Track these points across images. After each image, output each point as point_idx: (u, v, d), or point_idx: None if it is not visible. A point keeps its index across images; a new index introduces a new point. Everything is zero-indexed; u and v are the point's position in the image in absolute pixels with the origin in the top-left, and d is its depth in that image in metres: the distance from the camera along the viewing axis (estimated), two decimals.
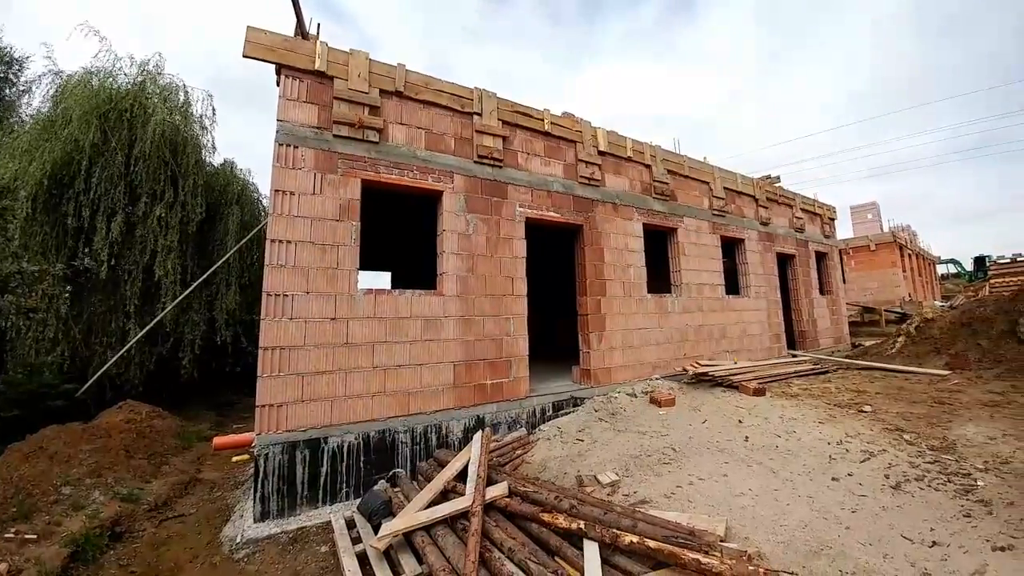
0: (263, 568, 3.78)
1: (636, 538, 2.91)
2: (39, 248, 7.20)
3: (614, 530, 3.03)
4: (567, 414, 6.39)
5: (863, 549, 2.89)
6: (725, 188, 9.80)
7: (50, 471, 4.77)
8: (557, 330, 12.29)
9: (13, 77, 11.73)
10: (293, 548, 4.01)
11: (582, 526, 3.16)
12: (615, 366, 7.11)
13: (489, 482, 4.01)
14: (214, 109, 9.11)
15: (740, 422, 5.42)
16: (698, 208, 9.15)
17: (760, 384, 6.75)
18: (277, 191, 4.79)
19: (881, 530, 3.07)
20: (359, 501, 4.48)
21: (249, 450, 5.00)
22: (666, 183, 8.52)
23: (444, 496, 4.00)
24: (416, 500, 3.93)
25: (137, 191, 7.58)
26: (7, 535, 3.76)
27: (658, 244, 8.85)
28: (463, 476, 4.19)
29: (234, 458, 6.26)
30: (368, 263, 13.67)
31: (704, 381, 7.39)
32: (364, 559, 3.62)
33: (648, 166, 8.37)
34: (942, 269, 39.78)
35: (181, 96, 8.62)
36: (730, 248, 10.15)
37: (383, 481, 4.84)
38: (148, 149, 7.50)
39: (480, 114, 6.26)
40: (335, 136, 5.17)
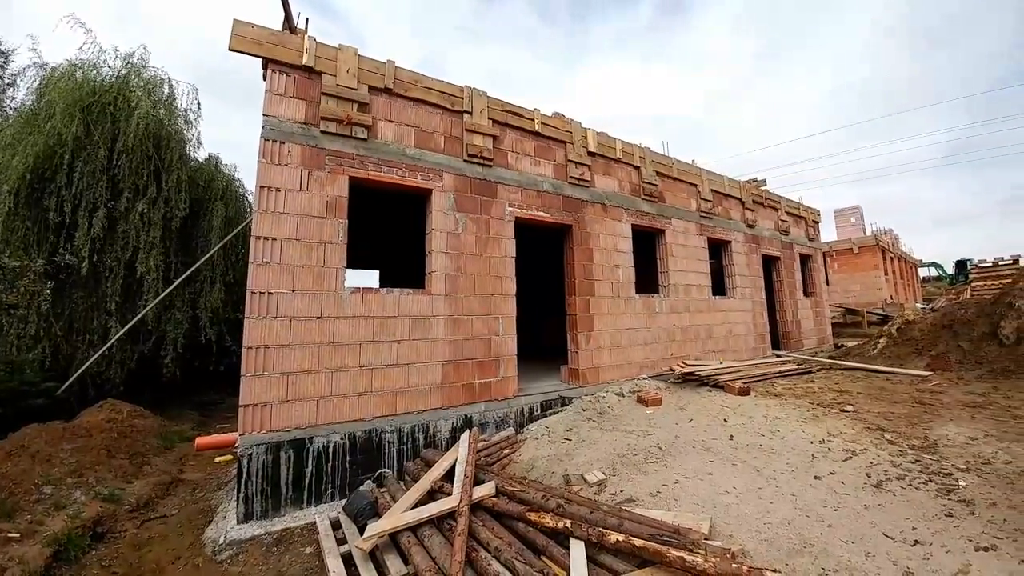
0: (247, 570, 3.73)
1: (622, 537, 2.92)
2: (20, 243, 7.05)
3: (600, 529, 3.04)
4: (555, 413, 6.40)
5: (845, 547, 2.91)
6: (712, 190, 9.90)
7: (32, 470, 4.69)
8: (546, 330, 12.31)
9: None
10: (277, 549, 3.96)
11: (568, 525, 3.16)
12: (603, 366, 7.14)
13: (476, 482, 4.00)
14: (199, 103, 9.02)
15: (725, 421, 5.48)
16: (686, 210, 9.23)
17: (745, 384, 6.83)
18: (263, 187, 4.72)
19: (863, 528, 3.10)
20: (345, 502, 4.44)
21: (232, 450, 4.94)
22: (655, 185, 8.58)
23: (431, 496, 3.98)
24: (402, 500, 3.90)
25: (119, 186, 7.43)
26: None
27: (647, 245, 8.91)
28: (450, 476, 4.17)
29: (217, 459, 6.17)
30: (356, 262, 13.54)
31: (690, 381, 7.46)
32: (349, 560, 3.59)
33: (637, 167, 8.42)
34: (924, 272, 40.63)
35: (166, 89, 8.48)
36: (717, 249, 10.26)
37: (369, 481, 4.80)
38: (131, 143, 7.37)
39: (470, 113, 6.24)
40: (323, 132, 5.11)
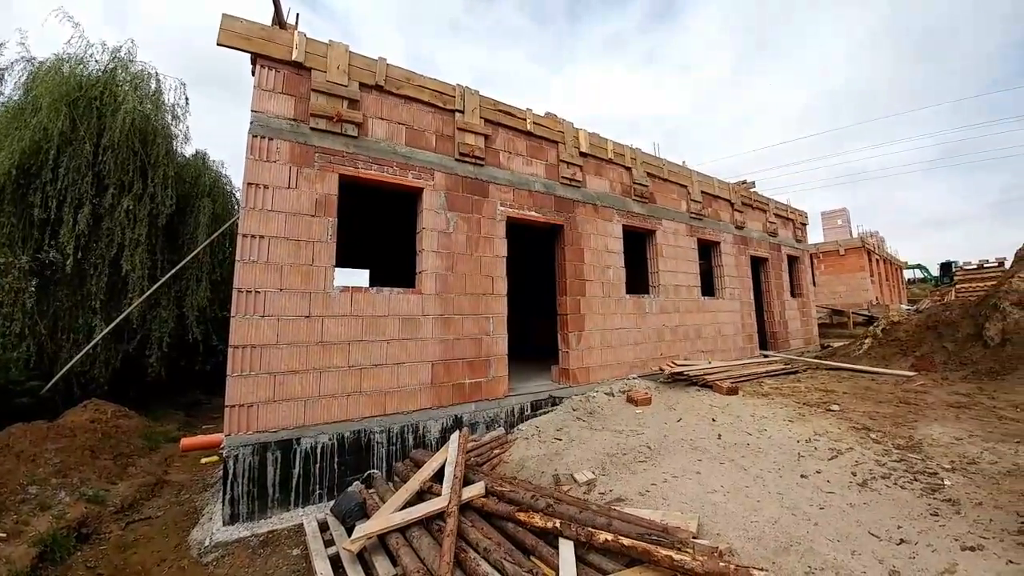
0: (232, 572, 3.68)
1: (611, 536, 2.93)
2: (5, 240, 6.91)
3: (589, 528, 3.04)
4: (546, 413, 6.41)
5: (831, 545, 2.94)
6: (702, 192, 9.97)
7: (17, 470, 4.63)
8: (537, 329, 12.33)
9: None
10: (264, 551, 3.91)
11: (558, 525, 3.16)
12: (593, 365, 7.16)
13: (466, 482, 3.98)
14: (187, 98, 8.87)
15: (713, 420, 5.52)
16: (676, 211, 9.29)
17: (733, 383, 6.89)
18: (250, 184, 4.65)
19: (849, 527, 3.13)
20: (333, 503, 4.39)
21: (218, 451, 4.86)
22: (646, 186, 8.62)
23: (420, 497, 3.96)
24: (391, 501, 3.87)
25: (105, 182, 7.31)
26: None
27: (637, 245, 8.95)
28: (440, 476, 4.15)
29: (203, 460, 6.09)
30: (346, 260, 13.46)
31: (680, 380, 7.51)
32: (337, 562, 3.55)
33: (628, 168, 8.45)
34: (909, 274, 41.30)
35: (153, 84, 8.36)
36: (706, 250, 10.35)
37: (358, 482, 4.76)
38: (117, 138, 7.26)
39: (462, 111, 6.21)
40: (312, 129, 5.05)
